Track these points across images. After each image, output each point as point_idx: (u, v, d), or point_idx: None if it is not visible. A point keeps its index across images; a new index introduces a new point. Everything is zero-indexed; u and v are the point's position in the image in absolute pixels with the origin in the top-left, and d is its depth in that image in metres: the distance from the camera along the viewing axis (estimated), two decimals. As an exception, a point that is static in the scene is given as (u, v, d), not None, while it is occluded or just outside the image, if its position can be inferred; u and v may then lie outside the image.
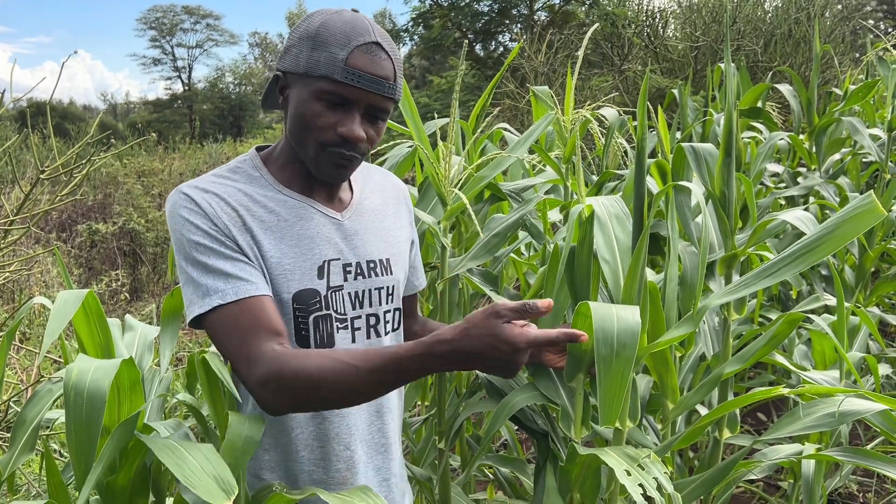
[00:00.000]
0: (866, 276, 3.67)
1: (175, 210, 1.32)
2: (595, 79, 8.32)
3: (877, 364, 2.53)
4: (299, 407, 1.28)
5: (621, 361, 1.31)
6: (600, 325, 1.33)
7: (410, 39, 12.92)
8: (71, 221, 9.59)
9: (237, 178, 1.39)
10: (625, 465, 1.36)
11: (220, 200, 1.33)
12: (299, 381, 1.20)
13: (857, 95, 4.00)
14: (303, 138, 1.35)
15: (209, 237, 1.29)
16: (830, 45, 6.70)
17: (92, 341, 1.37)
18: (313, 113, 1.32)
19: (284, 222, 1.36)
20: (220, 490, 1.07)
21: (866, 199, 1.34)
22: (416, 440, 2.57)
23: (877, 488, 3.36)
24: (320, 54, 1.30)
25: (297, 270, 1.35)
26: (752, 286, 1.49)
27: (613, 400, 1.33)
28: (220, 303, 1.26)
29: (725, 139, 1.87)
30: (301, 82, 1.33)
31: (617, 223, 1.64)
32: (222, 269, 1.28)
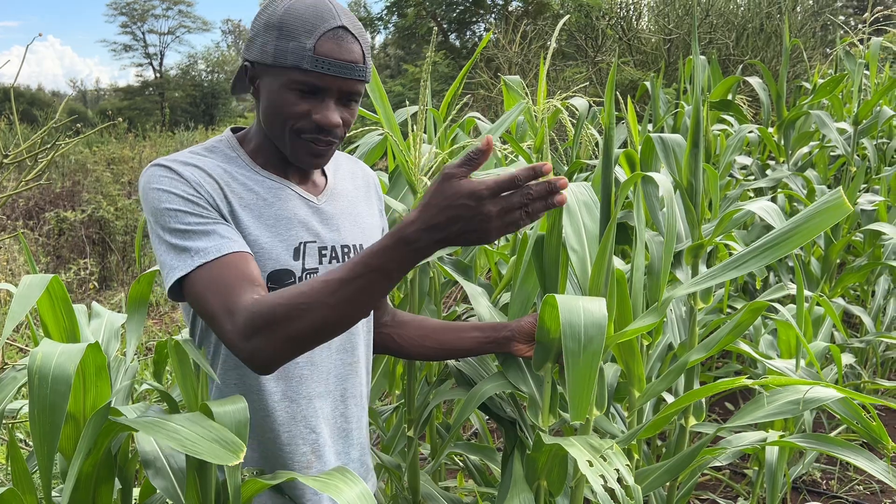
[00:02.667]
0: (832, 268, 3.73)
1: (151, 183, 1.29)
2: (569, 70, 8.35)
3: (840, 354, 2.58)
4: (287, 346, 1.18)
5: (589, 355, 1.32)
6: (567, 318, 1.34)
7: (385, 28, 12.86)
8: (38, 209, 9.44)
9: (214, 156, 1.38)
10: (587, 456, 1.38)
11: (202, 172, 1.32)
12: (279, 315, 1.15)
13: (824, 89, 4.06)
14: (277, 128, 1.35)
15: (189, 203, 1.28)
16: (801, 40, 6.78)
17: (57, 327, 1.35)
18: (286, 102, 1.32)
19: (263, 201, 1.36)
20: (225, 451, 1.05)
21: (835, 194, 1.37)
22: (386, 428, 2.57)
23: (840, 475, 3.43)
24: (287, 44, 1.29)
25: (274, 250, 1.35)
26: (718, 277, 1.52)
27: (582, 393, 1.34)
28: (202, 261, 1.23)
29: (693, 130, 1.89)
30: (270, 73, 1.32)
31: (586, 211, 1.65)
32: (203, 230, 1.26)
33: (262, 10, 1.35)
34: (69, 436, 1.29)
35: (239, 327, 1.17)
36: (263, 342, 1.16)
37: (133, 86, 40.40)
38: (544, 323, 1.53)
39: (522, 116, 2.61)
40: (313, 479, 1.19)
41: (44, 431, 1.12)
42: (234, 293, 1.20)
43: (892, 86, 3.94)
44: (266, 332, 1.16)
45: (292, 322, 1.15)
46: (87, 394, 1.26)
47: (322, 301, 1.13)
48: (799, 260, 3.61)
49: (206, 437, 1.08)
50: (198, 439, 1.08)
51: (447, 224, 1.08)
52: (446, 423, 2.43)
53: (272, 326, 1.15)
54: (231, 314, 1.19)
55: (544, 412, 1.63)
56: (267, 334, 1.16)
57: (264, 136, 1.41)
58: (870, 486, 3.36)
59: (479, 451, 2.18)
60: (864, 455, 1.77)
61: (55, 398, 1.11)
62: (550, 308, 1.48)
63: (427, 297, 2.14)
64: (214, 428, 1.10)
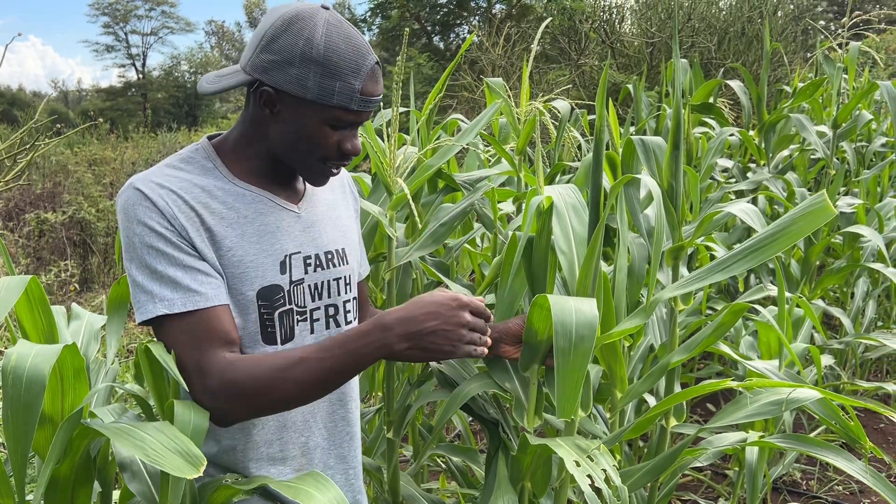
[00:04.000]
0: (812, 270, 3.76)
1: (128, 207, 1.26)
2: (552, 73, 8.37)
3: (819, 355, 2.60)
4: (255, 412, 1.27)
5: (579, 354, 1.33)
6: (559, 317, 1.34)
7: (369, 30, 12.85)
8: (18, 210, 9.34)
9: (191, 168, 1.34)
10: (574, 456, 1.38)
11: (176, 198, 1.27)
12: (254, 387, 1.21)
13: (804, 93, 4.10)
14: (302, 155, 1.35)
15: (163, 240, 1.25)
16: (782, 44, 6.84)
17: (35, 329, 1.33)
18: (322, 136, 1.32)
19: (244, 218, 1.34)
20: (187, 464, 1.05)
21: (818, 198, 1.38)
22: (368, 430, 2.57)
23: (819, 476, 3.46)
24: (334, 83, 1.27)
25: (260, 267, 1.33)
26: (704, 280, 1.52)
27: (571, 392, 1.34)
28: (166, 312, 1.22)
29: (673, 132, 1.90)
30: (306, 106, 1.30)
31: (574, 214, 1.65)
32: (172, 277, 1.23)
33: (291, 36, 1.28)
34: (47, 438, 1.27)
35: (210, 389, 1.21)
36: (233, 408, 1.23)
37: (115, 87, 40.12)
38: (532, 324, 1.53)
39: (505, 118, 2.62)
40: (285, 485, 1.18)
41: (17, 433, 1.11)
42: (206, 352, 1.21)
43: (870, 90, 3.98)
44: (238, 401, 1.22)
45: (266, 395, 1.21)
46: (65, 396, 1.25)
47: (297, 379, 1.21)
48: (779, 262, 3.64)
49: (171, 449, 1.07)
50: (162, 450, 1.06)
51: (424, 318, 1.21)
52: (428, 424, 2.43)
53: (245, 397, 1.21)
54: (202, 374, 1.21)
55: (529, 413, 1.63)
56: (238, 403, 1.22)
57: (252, 146, 1.38)
58: (849, 486, 3.39)
59: (461, 453, 2.18)
60: (842, 455, 1.79)
61: (29, 399, 1.09)
62: (540, 309, 1.48)
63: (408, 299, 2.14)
64: (179, 439, 1.09)
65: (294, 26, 1.27)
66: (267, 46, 1.29)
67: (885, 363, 4.47)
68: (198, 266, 1.26)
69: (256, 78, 1.30)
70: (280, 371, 1.21)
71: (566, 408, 1.34)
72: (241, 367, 1.21)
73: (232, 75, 1.35)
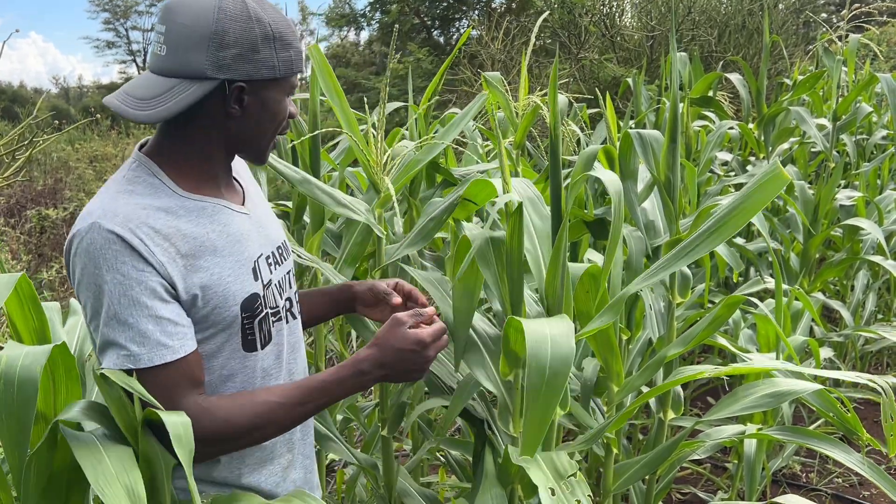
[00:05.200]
0: (811, 262, 3.76)
1: (95, 251, 1.16)
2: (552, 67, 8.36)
3: (818, 348, 2.60)
4: (229, 451, 1.29)
5: (550, 391, 1.29)
6: (534, 351, 1.30)
7: (368, 25, 12.83)
8: (20, 207, 9.35)
9: (141, 190, 1.24)
10: (551, 483, 1.37)
11: (149, 230, 1.19)
12: (234, 433, 1.22)
13: (804, 86, 4.09)
14: (266, 135, 1.32)
15: (140, 286, 1.16)
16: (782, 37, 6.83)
17: (26, 327, 1.33)
18: (283, 108, 1.30)
19: (213, 233, 1.27)
20: (127, 499, 1.01)
21: (772, 166, 1.38)
22: (367, 425, 2.58)
23: (819, 468, 3.46)
24: (290, 53, 1.26)
25: (237, 281, 1.29)
26: (669, 268, 1.52)
27: (537, 429, 1.33)
28: (132, 367, 1.16)
29: (670, 125, 1.90)
30: (275, 85, 1.27)
31: (531, 207, 1.62)
32: (143, 331, 1.16)
33: (239, 23, 1.21)
34: (39, 435, 1.26)
35: None
36: (209, 449, 1.22)
37: (116, 83, 40.06)
38: (510, 343, 1.54)
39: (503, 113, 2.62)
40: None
41: (13, 435, 1.10)
42: (177, 402, 1.18)
43: (869, 82, 3.97)
44: (216, 444, 1.23)
45: (245, 438, 1.25)
46: (58, 394, 1.24)
47: (278, 422, 1.26)
48: (778, 255, 3.63)
49: (121, 481, 1.04)
50: (112, 478, 1.04)
51: (394, 363, 1.30)
52: (427, 419, 2.44)
53: (225, 441, 1.23)
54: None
55: (515, 418, 1.63)
56: (217, 445, 1.23)
57: (197, 154, 1.29)
58: (849, 478, 3.39)
59: (460, 447, 2.19)
60: (840, 447, 1.79)
61: (22, 401, 1.08)
62: (515, 332, 1.48)
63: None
64: (132, 473, 1.06)
65: (232, 11, 1.20)
66: (222, 42, 1.20)
67: (885, 356, 4.47)
68: (169, 315, 1.19)
69: (223, 78, 1.21)
70: (260, 417, 1.23)
71: (529, 445, 1.34)
72: (218, 415, 1.21)
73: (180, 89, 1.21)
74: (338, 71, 8.54)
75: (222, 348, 1.29)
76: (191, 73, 1.20)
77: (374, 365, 1.30)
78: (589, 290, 1.66)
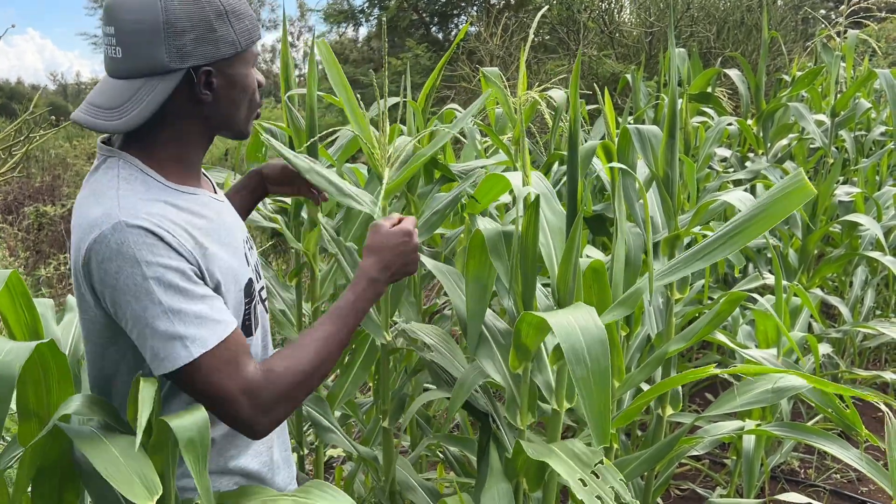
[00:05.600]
0: (809, 258, 3.76)
1: (125, 251, 1.12)
2: (551, 63, 8.35)
3: (817, 344, 2.60)
4: (302, 398, 1.27)
5: (599, 375, 1.25)
6: (568, 343, 1.26)
7: (367, 21, 12.80)
8: (17, 203, 9.33)
9: (137, 187, 1.21)
10: (578, 473, 1.34)
11: (171, 224, 1.17)
12: (303, 380, 1.23)
13: (802, 82, 4.08)
14: (242, 110, 1.30)
15: (179, 275, 1.15)
16: (781, 34, 6.82)
17: (18, 323, 1.32)
18: (251, 79, 1.30)
19: (211, 222, 1.28)
20: (143, 488, 1.00)
21: (796, 177, 1.36)
22: (366, 420, 2.58)
23: (818, 465, 3.46)
24: (245, 22, 1.24)
25: (238, 267, 1.30)
26: (686, 268, 1.51)
27: (601, 417, 1.27)
28: (202, 352, 1.14)
29: (669, 121, 1.89)
30: (239, 60, 1.25)
31: (545, 202, 1.62)
32: (197, 313, 1.15)
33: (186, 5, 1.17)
34: (33, 432, 1.25)
35: (261, 403, 1.18)
36: (286, 409, 1.23)
37: (113, 79, 39.86)
38: (521, 336, 1.53)
39: (502, 109, 2.61)
40: (292, 499, 1.18)
41: None
42: (244, 373, 1.18)
43: (868, 78, 3.97)
44: (291, 400, 1.23)
45: (314, 382, 1.26)
46: (51, 392, 1.23)
47: (331, 350, 1.28)
48: (777, 251, 3.63)
49: (132, 469, 1.03)
50: (122, 467, 1.03)
51: (393, 259, 1.37)
52: (426, 415, 2.44)
53: (298, 392, 1.23)
54: (249, 393, 1.17)
55: (523, 411, 1.63)
56: (291, 401, 1.23)
57: (176, 146, 1.27)
58: (847, 474, 3.40)
59: (458, 443, 2.18)
60: (838, 443, 1.80)
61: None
62: (528, 326, 1.47)
63: (406, 290, 2.14)
64: (142, 461, 1.04)
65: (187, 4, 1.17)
66: (175, 30, 1.16)
67: (883, 352, 4.47)
68: (210, 294, 1.19)
69: (187, 67, 1.18)
70: (318, 353, 1.25)
71: (601, 434, 1.27)
72: (284, 372, 1.21)
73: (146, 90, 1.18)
74: (336, 67, 8.43)
75: None
76: (153, 69, 1.17)
77: (380, 268, 1.36)
78: (592, 285, 1.66)
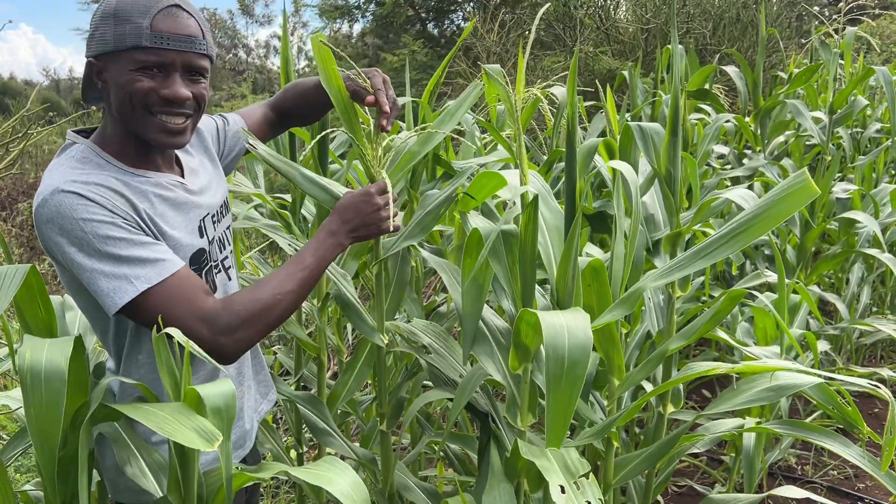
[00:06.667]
0: (807, 256, 3.77)
1: (63, 211, 1.29)
2: (547, 59, 8.35)
3: (816, 340, 2.61)
4: (263, 333, 1.40)
5: (571, 380, 1.27)
6: (551, 341, 1.28)
7: (363, 17, 12.74)
8: (11, 199, 9.29)
9: (90, 168, 1.39)
10: (562, 480, 1.35)
11: (106, 189, 1.33)
12: (261, 308, 1.37)
13: (800, 79, 4.09)
14: (130, 112, 1.39)
15: (114, 227, 1.30)
16: (777, 30, 6.82)
17: (35, 319, 1.32)
18: (132, 81, 1.37)
19: (161, 199, 1.43)
20: (201, 438, 1.07)
21: (799, 177, 1.35)
22: (365, 419, 2.57)
23: (815, 461, 3.48)
24: (125, 27, 1.35)
25: (186, 238, 1.45)
26: (687, 268, 1.50)
27: (561, 420, 1.30)
28: (146, 287, 1.30)
29: (671, 119, 1.89)
30: (114, 60, 1.37)
31: (541, 201, 1.61)
32: (138, 256, 1.31)
33: (97, 10, 1.39)
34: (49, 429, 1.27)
35: (220, 327, 1.33)
36: (247, 334, 1.36)
37: (107, 75, 39.67)
38: (520, 336, 1.53)
39: (503, 106, 2.61)
40: (304, 471, 1.19)
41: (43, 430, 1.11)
42: (199, 301, 1.34)
43: (866, 75, 3.97)
44: (250, 325, 1.36)
45: (272, 311, 1.40)
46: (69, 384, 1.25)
47: (292, 290, 1.43)
48: (777, 248, 3.64)
49: (185, 424, 1.09)
50: (176, 424, 1.09)
51: (353, 216, 1.52)
52: (426, 412, 2.43)
53: (256, 319, 1.37)
54: (206, 320, 1.33)
55: (523, 411, 1.62)
56: (251, 326, 1.36)
57: (124, 133, 1.44)
58: (844, 470, 3.41)
59: (458, 441, 2.19)
60: (838, 440, 1.80)
61: (51, 396, 1.10)
62: (527, 325, 1.48)
63: (408, 287, 2.14)
64: (194, 417, 1.11)
65: (100, 3, 1.40)
66: (90, 27, 1.40)
67: (879, 348, 4.48)
68: (152, 241, 1.35)
69: (87, 57, 1.40)
70: (277, 289, 1.41)
71: (555, 436, 1.32)
72: (240, 299, 1.38)
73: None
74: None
75: None
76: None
77: (339, 221, 1.52)
78: (591, 283, 1.65)
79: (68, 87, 42.65)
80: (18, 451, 1.57)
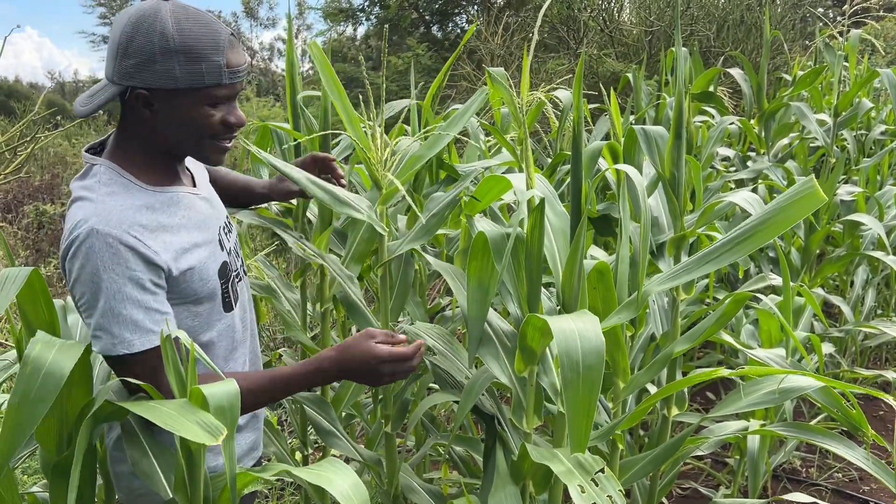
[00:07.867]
0: (812, 258, 3.76)
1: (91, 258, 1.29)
2: (551, 62, 8.34)
3: (820, 343, 2.61)
4: None
5: (588, 384, 1.26)
6: (564, 347, 1.27)
7: (367, 20, 12.76)
8: (17, 202, 9.32)
9: (118, 190, 1.38)
10: (578, 479, 1.35)
11: (142, 230, 1.34)
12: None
13: (804, 81, 4.08)
14: (192, 141, 1.43)
15: (137, 286, 1.31)
16: (781, 32, 6.81)
17: (37, 320, 1.33)
18: (203, 116, 1.40)
19: (184, 218, 1.44)
20: (205, 433, 1.08)
21: (807, 183, 1.35)
22: (370, 422, 2.58)
23: (819, 463, 3.47)
24: (200, 66, 1.35)
25: (212, 256, 1.47)
26: (693, 272, 1.51)
27: (583, 424, 1.27)
28: (125, 352, 1.31)
29: (675, 122, 1.89)
30: (183, 96, 1.36)
31: (546, 204, 1.62)
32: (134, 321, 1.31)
33: (144, 35, 1.33)
34: (52, 428, 1.28)
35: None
36: None
37: (112, 78, 39.75)
38: (526, 339, 1.53)
39: (507, 109, 2.61)
40: (305, 471, 1.20)
41: (19, 422, 1.11)
42: (160, 377, 1.32)
43: (870, 77, 3.97)
44: None
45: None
46: (73, 385, 1.26)
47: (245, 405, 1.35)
48: (781, 250, 3.64)
49: (189, 420, 1.11)
50: (180, 419, 1.11)
51: (350, 370, 1.47)
52: (430, 415, 2.44)
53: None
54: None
55: (528, 414, 1.62)
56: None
57: (154, 154, 1.44)
58: (848, 473, 3.40)
59: (463, 443, 2.19)
60: (843, 443, 1.80)
61: (42, 394, 1.11)
62: (534, 329, 1.48)
63: (412, 290, 2.14)
64: (198, 413, 1.13)
65: (143, 26, 1.33)
66: (125, 53, 1.34)
67: (884, 351, 4.48)
68: (156, 306, 1.34)
69: (126, 85, 1.36)
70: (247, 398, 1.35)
71: (578, 442, 1.28)
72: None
73: (102, 91, 1.39)
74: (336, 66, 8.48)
75: (211, 312, 1.48)
76: (109, 77, 1.38)
77: (334, 366, 1.47)
78: (596, 286, 1.66)
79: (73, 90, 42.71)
80: (26, 454, 1.58)
